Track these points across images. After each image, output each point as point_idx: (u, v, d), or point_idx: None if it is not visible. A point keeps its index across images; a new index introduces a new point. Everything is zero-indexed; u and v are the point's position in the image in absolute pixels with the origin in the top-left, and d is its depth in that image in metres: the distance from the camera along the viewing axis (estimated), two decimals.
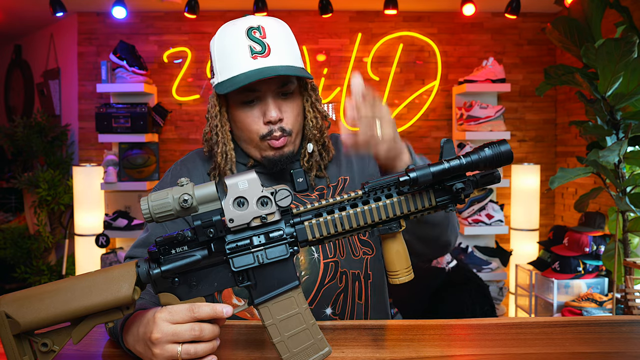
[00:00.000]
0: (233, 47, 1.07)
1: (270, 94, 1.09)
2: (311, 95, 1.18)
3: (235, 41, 1.07)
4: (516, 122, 4.06)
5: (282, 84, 1.09)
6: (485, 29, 4.05)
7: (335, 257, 1.14)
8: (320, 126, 1.18)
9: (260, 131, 1.10)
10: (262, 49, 1.06)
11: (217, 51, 1.10)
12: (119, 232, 3.53)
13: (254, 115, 1.10)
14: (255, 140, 1.12)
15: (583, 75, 2.48)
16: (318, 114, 1.18)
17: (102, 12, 3.93)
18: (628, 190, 2.52)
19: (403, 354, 0.89)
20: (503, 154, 0.78)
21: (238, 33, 1.08)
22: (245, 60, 1.06)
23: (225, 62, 1.08)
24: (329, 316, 1.14)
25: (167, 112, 3.76)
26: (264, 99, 1.09)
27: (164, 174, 1.25)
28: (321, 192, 1.19)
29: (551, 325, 1.04)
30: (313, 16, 3.92)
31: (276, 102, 1.10)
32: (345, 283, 1.15)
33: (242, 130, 1.13)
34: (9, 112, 5.47)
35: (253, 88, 1.08)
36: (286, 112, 1.11)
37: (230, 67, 1.07)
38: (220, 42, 1.10)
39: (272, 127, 1.09)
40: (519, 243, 3.78)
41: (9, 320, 0.75)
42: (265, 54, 1.06)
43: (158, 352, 0.79)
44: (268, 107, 1.09)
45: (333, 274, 1.14)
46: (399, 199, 0.83)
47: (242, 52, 1.06)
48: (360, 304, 1.17)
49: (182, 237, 0.79)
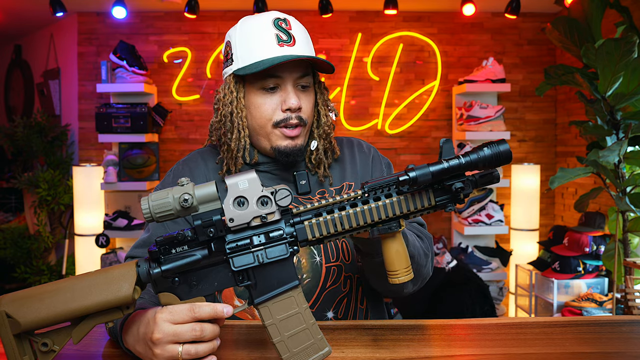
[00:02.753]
0: (260, 34, 1.09)
1: (291, 82, 1.11)
2: (324, 92, 1.20)
3: (262, 29, 1.10)
4: (516, 122, 4.06)
5: (302, 75, 1.12)
6: (485, 29, 4.05)
7: (338, 261, 1.14)
8: (331, 123, 1.20)
9: (276, 117, 1.11)
10: (288, 38, 1.10)
11: (241, 38, 1.12)
12: (119, 232, 3.53)
13: (273, 102, 1.11)
14: (268, 128, 1.12)
15: (583, 75, 2.48)
16: (331, 111, 1.20)
17: (102, 12, 3.93)
18: (628, 190, 2.52)
19: (403, 354, 0.89)
20: (502, 154, 0.78)
21: (265, 22, 1.10)
22: (272, 46, 1.08)
23: (249, 48, 1.10)
24: (331, 320, 1.14)
25: (167, 112, 3.76)
26: (284, 87, 1.11)
27: (166, 174, 1.25)
28: (323, 196, 1.19)
29: (551, 325, 1.04)
30: (313, 16, 3.92)
31: (296, 92, 1.12)
32: (350, 288, 1.15)
33: (257, 117, 1.12)
34: (9, 112, 5.47)
35: (276, 74, 1.09)
36: (304, 102, 1.13)
37: (255, 52, 1.09)
38: (245, 29, 1.12)
39: (290, 115, 1.11)
40: (519, 243, 3.78)
41: (10, 320, 0.75)
42: (291, 44, 1.09)
43: (159, 352, 0.79)
44: (289, 94, 1.10)
45: (336, 278, 1.13)
46: (398, 199, 0.83)
47: (269, 39, 1.09)
48: (362, 309, 1.17)
49: (182, 237, 0.79)
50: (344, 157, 1.25)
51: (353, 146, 1.28)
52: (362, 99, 4.03)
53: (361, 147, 1.28)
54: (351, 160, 1.25)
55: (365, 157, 1.26)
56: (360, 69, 4.01)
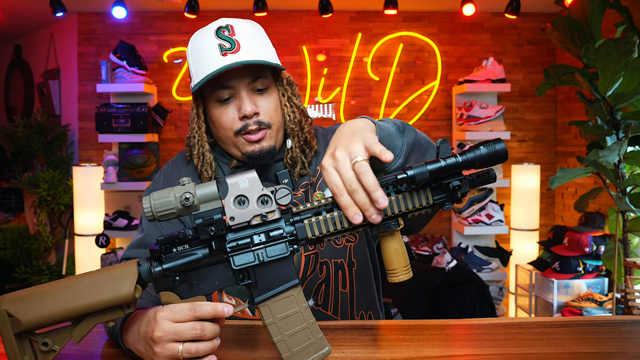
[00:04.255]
0: (204, 48, 1.09)
1: (244, 88, 1.10)
2: (287, 89, 1.18)
3: (206, 41, 1.09)
4: (516, 122, 4.07)
5: (254, 79, 1.10)
6: (485, 29, 4.05)
7: (315, 249, 1.15)
8: (299, 121, 1.18)
9: (234, 126, 1.11)
10: (231, 45, 1.08)
11: (192, 54, 1.13)
12: (119, 232, 3.53)
13: (229, 112, 1.11)
14: (231, 138, 1.13)
15: (583, 75, 2.48)
16: (296, 109, 1.18)
17: (102, 12, 3.94)
18: (628, 190, 2.52)
19: (403, 354, 0.89)
20: (498, 152, 0.79)
21: (208, 34, 1.10)
22: (215, 57, 1.07)
23: (198, 64, 1.10)
24: (312, 307, 1.14)
25: (167, 112, 3.76)
26: (238, 95, 1.10)
27: (156, 175, 1.27)
28: (306, 189, 1.19)
29: (551, 325, 1.04)
30: (313, 16, 3.93)
31: (251, 97, 1.11)
32: (327, 273, 1.15)
33: (219, 128, 1.14)
34: (9, 112, 5.47)
35: (226, 85, 1.09)
36: (262, 106, 1.12)
37: (202, 67, 1.09)
38: (195, 45, 1.12)
39: (248, 122, 1.10)
40: (519, 243, 3.78)
41: (11, 319, 0.75)
42: (235, 50, 1.07)
43: (159, 351, 0.79)
44: (242, 101, 1.10)
45: (314, 266, 1.14)
46: (396, 197, 0.83)
47: (212, 50, 1.08)
48: (344, 293, 1.17)
49: (183, 236, 0.80)
50: (320, 149, 1.24)
51: (327, 134, 1.27)
52: (362, 99, 4.04)
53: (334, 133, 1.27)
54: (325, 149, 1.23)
55: None
56: (360, 69, 4.02)
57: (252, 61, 1.06)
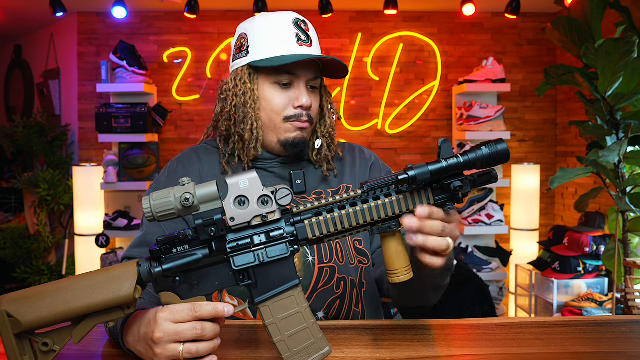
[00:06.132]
0: (280, 31, 1.13)
1: (304, 81, 1.15)
2: (329, 96, 1.25)
3: (283, 26, 1.14)
4: (516, 122, 4.07)
5: (315, 76, 1.16)
6: (485, 29, 4.05)
7: (331, 262, 1.14)
8: (334, 125, 1.25)
9: (287, 112, 1.14)
10: (306, 39, 1.15)
11: (260, 31, 1.14)
12: (119, 232, 3.53)
13: (285, 97, 1.15)
14: (278, 122, 1.15)
15: (583, 75, 2.48)
16: (334, 115, 1.26)
17: (102, 12, 3.94)
18: (628, 190, 2.52)
19: (403, 354, 0.89)
20: (500, 153, 0.79)
21: (286, 20, 1.15)
22: (291, 44, 1.13)
23: (269, 42, 1.13)
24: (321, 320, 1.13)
25: (167, 112, 3.76)
26: (297, 85, 1.15)
27: (161, 172, 1.26)
28: (319, 196, 1.20)
29: (551, 325, 1.04)
30: (313, 16, 3.92)
31: (307, 91, 1.16)
32: (344, 289, 1.15)
33: (268, 110, 1.15)
34: (9, 112, 5.47)
35: (292, 71, 1.13)
36: (313, 102, 1.17)
37: (274, 47, 1.12)
38: (265, 24, 1.15)
39: (301, 112, 1.14)
40: (519, 243, 3.78)
41: (11, 320, 0.75)
42: (309, 44, 1.16)
43: (160, 352, 0.79)
44: (302, 93, 1.14)
45: (328, 279, 1.13)
46: (397, 198, 0.83)
47: (290, 36, 1.13)
48: (357, 312, 1.17)
49: (183, 236, 0.80)
50: (345, 161, 1.28)
51: (354, 151, 1.32)
52: (362, 99, 4.04)
53: (362, 153, 1.32)
54: (351, 164, 1.28)
55: (365, 162, 1.29)
56: (360, 69, 4.02)
57: (332, 58, 1.13)
